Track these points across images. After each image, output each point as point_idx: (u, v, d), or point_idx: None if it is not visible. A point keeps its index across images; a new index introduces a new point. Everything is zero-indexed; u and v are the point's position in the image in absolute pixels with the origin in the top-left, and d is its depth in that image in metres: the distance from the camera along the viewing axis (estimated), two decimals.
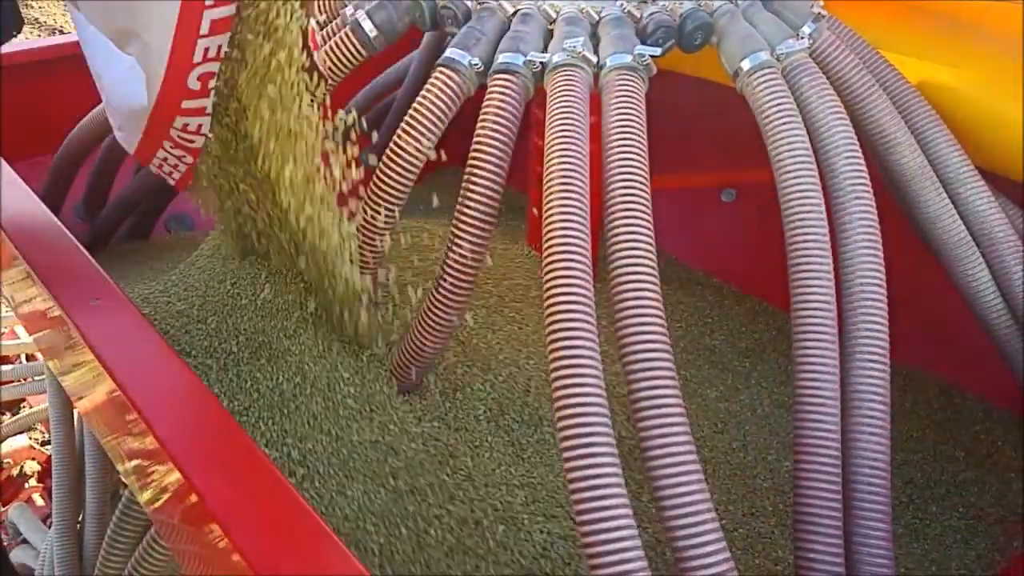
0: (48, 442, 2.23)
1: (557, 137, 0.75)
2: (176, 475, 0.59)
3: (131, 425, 0.69)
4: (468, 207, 0.81)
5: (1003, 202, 0.94)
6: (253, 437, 0.82)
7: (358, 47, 0.97)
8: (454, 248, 0.82)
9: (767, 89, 0.80)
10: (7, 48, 1.39)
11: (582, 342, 0.63)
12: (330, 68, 1.01)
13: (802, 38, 0.86)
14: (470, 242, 0.82)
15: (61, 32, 6.01)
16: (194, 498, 0.58)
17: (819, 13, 0.92)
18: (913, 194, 0.91)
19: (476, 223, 0.81)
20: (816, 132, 0.80)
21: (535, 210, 1.29)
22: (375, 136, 1.23)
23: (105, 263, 0.81)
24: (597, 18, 0.87)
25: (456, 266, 0.82)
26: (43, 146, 1.34)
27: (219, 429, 0.63)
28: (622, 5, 0.86)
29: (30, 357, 2.28)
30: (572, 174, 0.72)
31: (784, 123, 0.77)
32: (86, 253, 0.83)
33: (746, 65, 0.82)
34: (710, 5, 0.88)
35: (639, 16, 0.86)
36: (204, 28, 0.71)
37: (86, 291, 0.76)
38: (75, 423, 1.41)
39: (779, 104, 0.79)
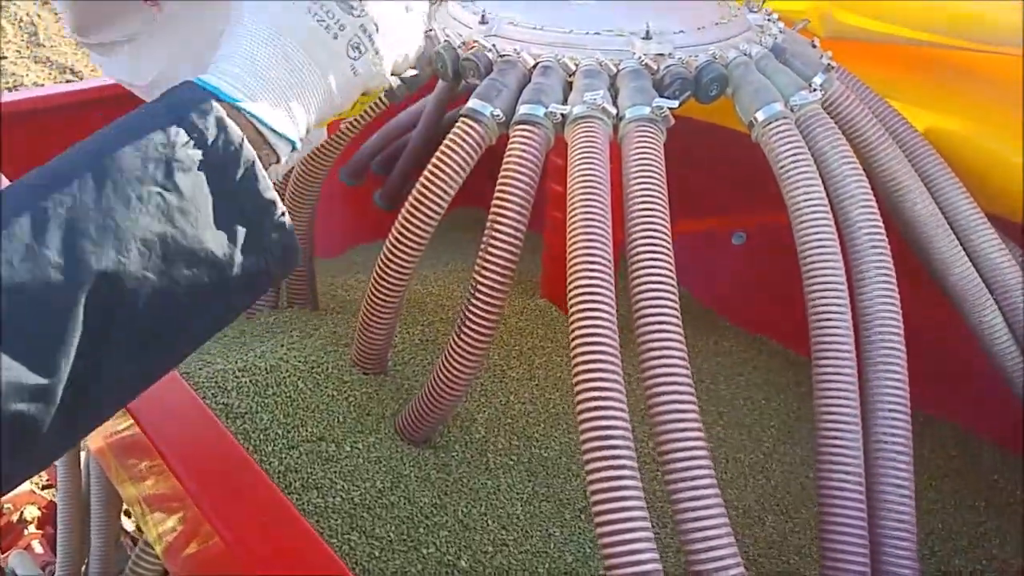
0: (49, 486, 2.22)
1: (579, 189, 0.76)
2: (200, 523, 0.59)
3: (152, 470, 0.69)
4: (491, 256, 0.82)
5: (1012, 247, 0.95)
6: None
7: (381, 97, 0.99)
8: (476, 297, 0.83)
9: (783, 140, 0.82)
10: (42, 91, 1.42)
11: (611, 402, 0.63)
12: (348, 126, 1.04)
13: (814, 89, 0.88)
14: (492, 292, 0.82)
15: (72, 71, 6.10)
16: (218, 548, 0.58)
17: (829, 64, 0.94)
18: (926, 241, 0.92)
19: (498, 272, 0.82)
20: (831, 181, 0.82)
21: (549, 256, 1.30)
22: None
23: None
24: (615, 70, 0.89)
25: (477, 316, 0.83)
26: None
27: (244, 476, 0.63)
28: (640, 58, 0.88)
29: None
30: (595, 225, 0.73)
31: (800, 173, 0.79)
32: None
33: (761, 116, 0.84)
34: (725, 57, 0.90)
35: (656, 68, 0.88)
36: None
37: None
38: (81, 466, 1.41)
39: (795, 155, 0.81)
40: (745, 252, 1.43)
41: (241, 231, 0.52)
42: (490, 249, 0.83)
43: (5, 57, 6.67)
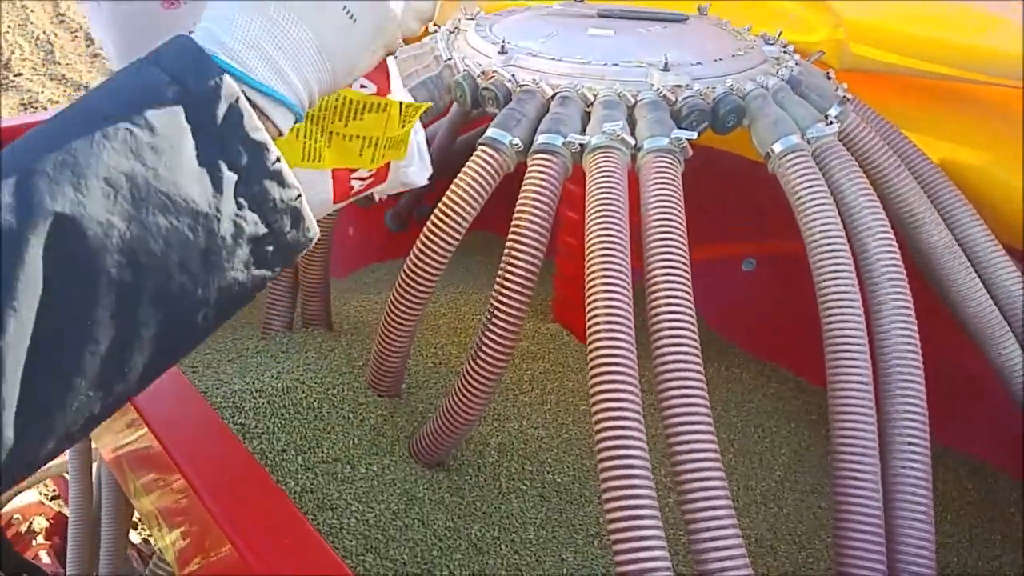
0: (56, 496, 2.22)
1: (598, 217, 0.77)
2: (218, 538, 0.60)
3: (170, 484, 0.69)
4: (508, 283, 0.83)
5: None
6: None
7: None
8: (493, 323, 0.84)
9: (799, 172, 0.83)
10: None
11: (630, 431, 0.64)
12: None
13: (831, 122, 0.89)
14: (509, 318, 0.83)
15: (86, 89, 6.18)
16: (235, 562, 0.58)
17: (844, 96, 0.96)
18: (943, 272, 0.92)
19: (515, 299, 0.83)
20: (847, 213, 0.83)
21: (562, 281, 1.30)
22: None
23: None
24: (634, 101, 0.90)
25: (493, 342, 0.84)
26: None
27: (263, 494, 0.63)
28: (658, 89, 0.90)
29: None
30: (614, 253, 0.74)
31: (817, 205, 0.80)
32: None
33: (778, 148, 0.85)
34: (742, 89, 0.91)
35: (674, 100, 0.89)
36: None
37: None
38: (93, 477, 1.41)
39: (811, 187, 0.81)
40: (755, 279, 1.43)
41: (229, 177, 0.45)
42: (507, 276, 0.83)
43: (21, 74, 6.76)
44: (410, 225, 1.76)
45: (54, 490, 2.23)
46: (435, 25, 1.26)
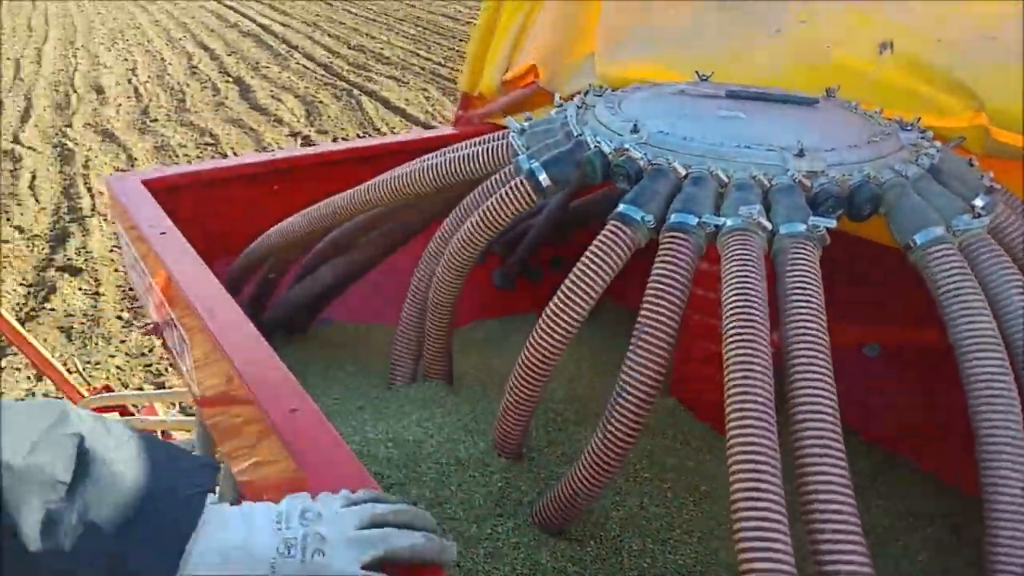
0: None
1: (737, 301, 0.78)
2: None
3: None
4: (639, 359, 0.84)
5: None
6: None
7: (531, 195, 1.05)
8: (623, 398, 0.85)
9: (946, 266, 0.81)
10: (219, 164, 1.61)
11: (774, 524, 0.64)
12: (499, 214, 1.07)
13: (979, 214, 0.87)
14: (640, 395, 0.84)
15: (211, 135, 6.62)
16: None
17: (991, 186, 0.93)
18: None
19: (647, 376, 0.84)
20: (1001, 310, 0.80)
21: (682, 357, 1.29)
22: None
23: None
24: (768, 185, 0.91)
25: (623, 417, 0.85)
26: (220, 250, 1.49)
27: None
28: (793, 174, 0.91)
29: (165, 435, 2.42)
30: (754, 338, 0.75)
31: (967, 302, 0.78)
32: (284, 367, 0.89)
33: (920, 239, 0.85)
34: (879, 177, 0.91)
35: (809, 185, 0.90)
36: None
37: (284, 400, 0.82)
38: None
39: (960, 282, 0.80)
40: (878, 365, 1.39)
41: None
42: (639, 352, 0.85)
43: (156, 120, 7.32)
44: (517, 284, 1.82)
45: None
46: (561, 98, 1.32)
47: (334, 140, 6.39)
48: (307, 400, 0.81)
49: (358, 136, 6.50)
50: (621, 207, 0.93)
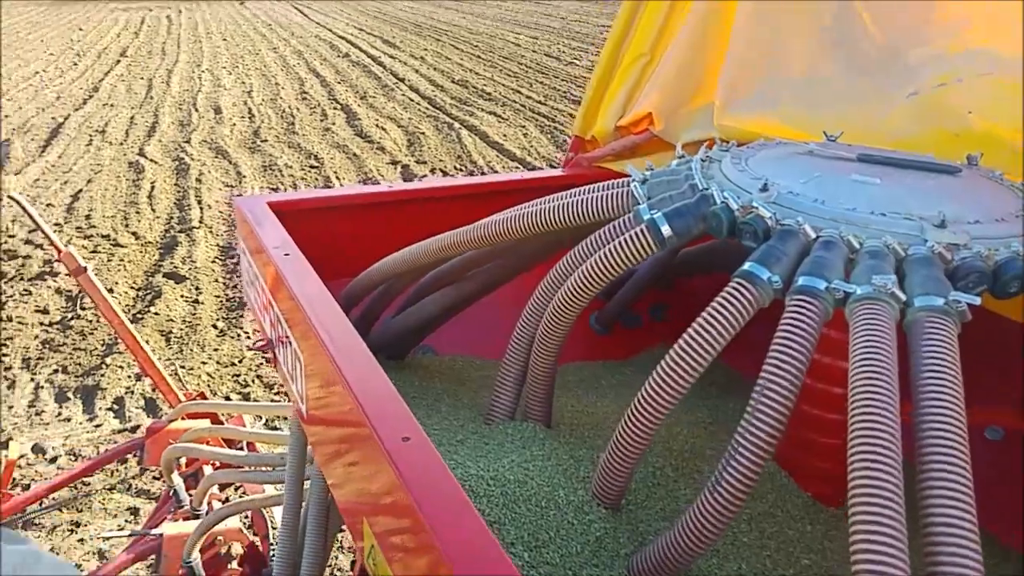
0: (250, 526, 2.39)
1: (866, 373, 0.76)
2: None
3: (415, 544, 0.72)
4: (757, 422, 0.83)
5: None
6: None
7: (652, 245, 1.04)
8: (736, 460, 0.83)
9: None
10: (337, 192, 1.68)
11: None
12: (617, 260, 1.07)
13: None
14: (753, 457, 0.82)
15: (316, 158, 6.90)
16: None
17: None
18: None
19: (762, 440, 0.82)
20: None
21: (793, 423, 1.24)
22: None
23: None
24: (904, 255, 0.88)
25: (734, 479, 0.83)
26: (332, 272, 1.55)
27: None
28: (932, 246, 0.87)
29: (250, 446, 2.50)
30: (883, 414, 0.72)
31: None
32: (398, 395, 0.91)
33: None
34: None
35: (949, 258, 0.87)
36: None
37: (398, 428, 0.83)
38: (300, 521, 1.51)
39: None
40: (999, 449, 1.31)
41: None
42: (757, 415, 0.83)
43: (267, 140, 7.69)
44: (614, 329, 1.80)
45: (250, 521, 2.40)
46: (683, 150, 1.32)
47: (432, 171, 6.57)
48: (419, 430, 0.83)
49: (456, 167, 6.65)
50: (748, 265, 0.92)
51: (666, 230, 1.03)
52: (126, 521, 2.67)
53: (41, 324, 4.11)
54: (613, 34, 1.84)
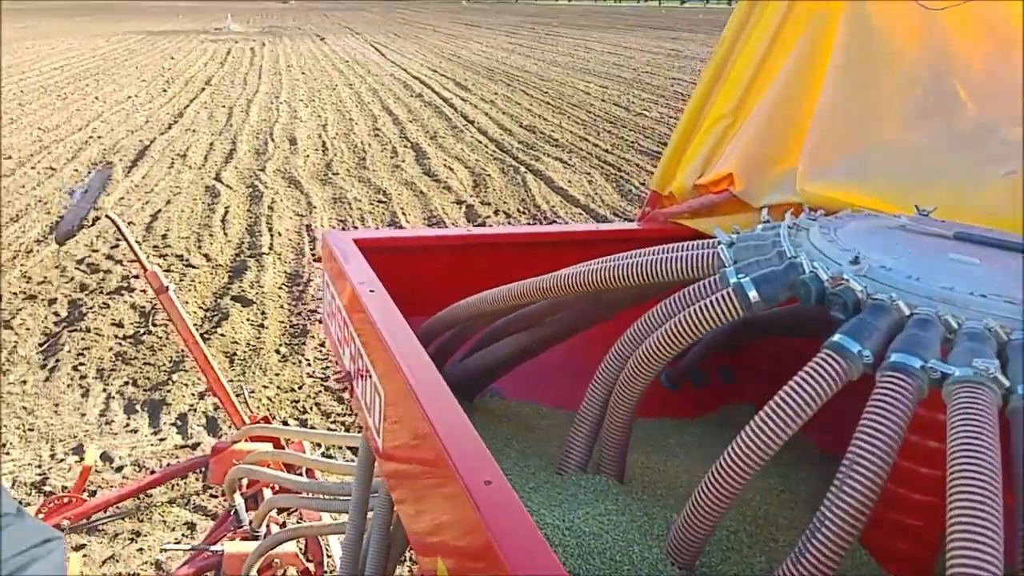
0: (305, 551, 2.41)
1: (966, 459, 0.74)
2: None
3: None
4: (845, 498, 0.82)
5: None
6: None
7: (737, 308, 1.05)
8: (822, 534, 0.82)
9: None
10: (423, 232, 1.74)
11: None
12: (701, 322, 1.08)
13: None
14: (840, 534, 0.81)
15: (384, 193, 7.07)
16: None
17: None
18: None
19: (849, 516, 0.81)
20: None
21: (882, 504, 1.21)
22: None
23: None
24: (1006, 339, 0.87)
25: (821, 554, 0.82)
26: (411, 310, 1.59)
27: None
28: None
29: (309, 472, 2.54)
30: (985, 502, 0.71)
31: None
32: (479, 437, 0.92)
33: None
34: None
35: None
36: None
37: (479, 470, 0.83)
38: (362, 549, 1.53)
39: None
40: None
41: None
42: (845, 490, 0.82)
43: (338, 174, 7.93)
44: (685, 386, 1.79)
45: (304, 546, 2.43)
46: (768, 214, 1.32)
47: (496, 212, 6.66)
48: (500, 474, 0.84)
49: (519, 211, 6.73)
50: (838, 337, 0.91)
51: (753, 295, 1.04)
52: (183, 535, 2.73)
53: (115, 337, 4.28)
54: (697, 92, 1.87)
